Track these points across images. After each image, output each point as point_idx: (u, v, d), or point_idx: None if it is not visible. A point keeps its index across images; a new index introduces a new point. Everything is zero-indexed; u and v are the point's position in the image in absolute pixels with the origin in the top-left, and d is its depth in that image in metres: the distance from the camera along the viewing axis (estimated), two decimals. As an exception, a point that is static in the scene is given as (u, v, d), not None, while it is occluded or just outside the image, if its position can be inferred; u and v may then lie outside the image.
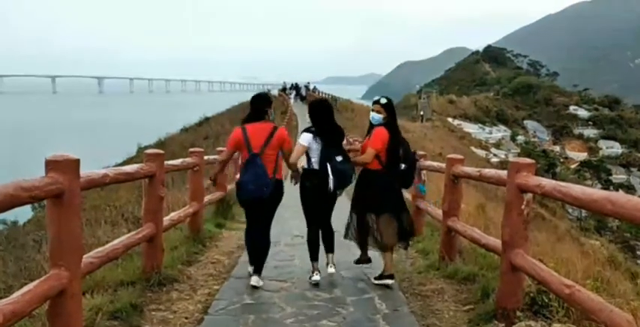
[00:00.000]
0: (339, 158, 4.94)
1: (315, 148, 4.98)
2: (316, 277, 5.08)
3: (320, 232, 5.27)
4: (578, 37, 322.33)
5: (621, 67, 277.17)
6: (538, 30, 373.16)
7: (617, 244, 26.89)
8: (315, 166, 4.99)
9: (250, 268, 5.07)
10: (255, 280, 4.93)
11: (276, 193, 4.94)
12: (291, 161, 5.02)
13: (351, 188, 5.39)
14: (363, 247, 5.44)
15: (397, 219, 5.10)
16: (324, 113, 5.13)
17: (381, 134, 5.03)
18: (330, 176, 4.87)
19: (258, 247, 5.06)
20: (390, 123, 5.10)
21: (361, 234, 5.26)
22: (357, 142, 5.41)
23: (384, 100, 5.14)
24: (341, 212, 5.53)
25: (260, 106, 5.04)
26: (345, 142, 5.22)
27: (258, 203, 4.92)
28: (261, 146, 4.85)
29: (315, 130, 5.02)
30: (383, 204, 5.05)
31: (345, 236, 5.44)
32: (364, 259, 5.52)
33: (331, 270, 5.23)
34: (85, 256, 3.39)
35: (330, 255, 5.30)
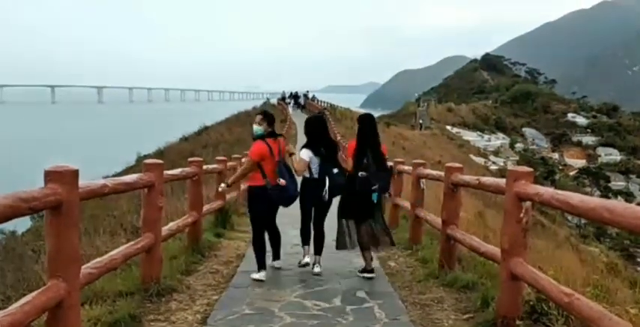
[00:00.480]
0: (335, 170, 5.65)
1: (315, 161, 5.69)
2: (306, 260, 5.84)
3: (312, 230, 5.94)
4: (576, 45, 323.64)
5: (619, 74, 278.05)
6: (536, 38, 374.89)
7: (616, 251, 26.87)
8: (315, 175, 5.69)
9: (261, 273, 5.53)
10: (278, 263, 5.96)
11: (296, 196, 5.71)
12: (298, 174, 5.74)
13: None
14: (366, 252, 5.75)
15: (369, 224, 5.65)
16: (319, 129, 5.87)
17: (350, 146, 5.83)
18: (326, 187, 5.60)
19: (275, 238, 5.93)
20: (360, 135, 5.75)
21: (361, 236, 5.70)
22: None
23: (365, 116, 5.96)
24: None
25: (269, 122, 5.69)
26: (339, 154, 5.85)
27: (289, 202, 5.65)
28: (278, 155, 5.57)
29: (312, 146, 5.73)
30: (350, 207, 5.68)
31: (338, 246, 5.84)
32: (368, 270, 5.74)
33: (317, 270, 5.78)
34: (83, 266, 3.38)
35: (318, 257, 5.86)
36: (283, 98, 54.48)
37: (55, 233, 2.97)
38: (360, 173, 5.53)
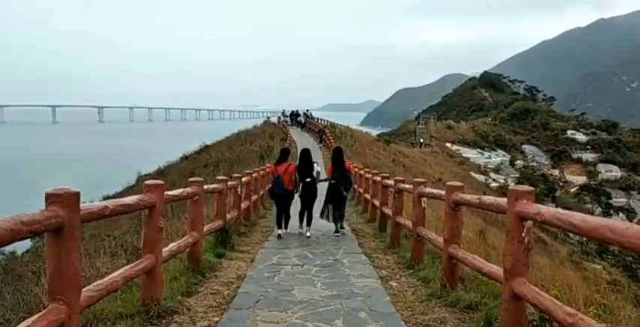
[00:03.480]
0: (307, 179, 10.34)
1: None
2: (300, 230, 10.33)
3: (305, 213, 10.34)
4: (573, 62, 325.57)
5: (617, 91, 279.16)
6: (534, 56, 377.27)
7: (618, 268, 26.67)
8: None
9: (281, 231, 10.07)
10: (283, 231, 10.08)
11: (288, 194, 10.47)
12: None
13: None
14: (336, 223, 10.50)
15: (337, 208, 10.54)
16: (305, 157, 10.59)
17: (329, 166, 11.32)
18: (300, 187, 10.39)
19: (285, 217, 10.34)
20: (333, 160, 11.05)
21: (332, 214, 10.54)
22: (356, 168, 10.76)
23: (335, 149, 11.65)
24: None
25: (284, 155, 11.05)
26: (314, 171, 10.53)
27: (280, 197, 10.45)
28: (282, 173, 10.43)
29: (299, 166, 10.51)
30: (329, 200, 10.54)
31: (321, 216, 10.57)
32: (337, 230, 10.36)
33: (308, 234, 10.05)
34: (84, 289, 3.36)
35: (307, 227, 10.23)
36: (284, 116, 54.77)
37: (56, 256, 2.96)
38: (331, 181, 10.57)
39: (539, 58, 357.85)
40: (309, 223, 10.22)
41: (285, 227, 10.21)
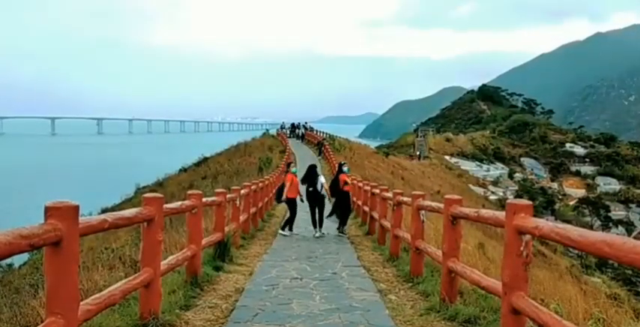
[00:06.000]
0: (310, 188, 12.40)
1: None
2: (317, 234, 12.03)
3: (317, 217, 12.29)
4: (571, 76, 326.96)
5: (615, 105, 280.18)
6: (532, 69, 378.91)
7: (618, 281, 26.61)
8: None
9: (287, 231, 12.28)
10: (288, 232, 12.30)
11: (291, 199, 12.59)
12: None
13: None
14: (341, 223, 12.56)
15: (342, 213, 12.55)
16: (311, 171, 12.57)
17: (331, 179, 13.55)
18: (304, 196, 12.71)
19: (292, 220, 12.58)
20: (334, 176, 13.54)
21: (340, 217, 12.62)
22: (354, 181, 13.74)
23: (340, 164, 13.91)
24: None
25: (288, 167, 13.84)
26: (319, 183, 12.40)
27: (290, 202, 12.71)
28: (289, 185, 12.66)
29: (305, 178, 12.67)
30: (336, 206, 12.77)
31: (329, 216, 12.64)
32: (341, 230, 12.45)
33: (318, 234, 12.04)
34: (82, 303, 3.34)
35: (318, 228, 12.18)
36: (282, 128, 54.91)
37: (54, 270, 2.96)
38: (323, 192, 12.51)
39: (538, 72, 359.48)
40: (320, 225, 12.21)
41: (290, 229, 12.46)
